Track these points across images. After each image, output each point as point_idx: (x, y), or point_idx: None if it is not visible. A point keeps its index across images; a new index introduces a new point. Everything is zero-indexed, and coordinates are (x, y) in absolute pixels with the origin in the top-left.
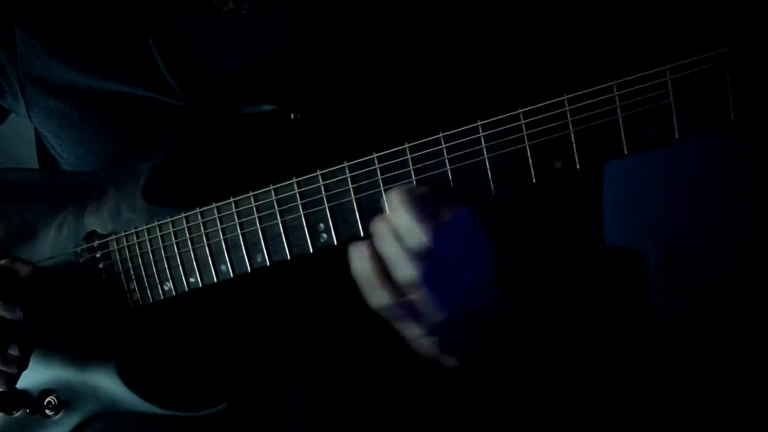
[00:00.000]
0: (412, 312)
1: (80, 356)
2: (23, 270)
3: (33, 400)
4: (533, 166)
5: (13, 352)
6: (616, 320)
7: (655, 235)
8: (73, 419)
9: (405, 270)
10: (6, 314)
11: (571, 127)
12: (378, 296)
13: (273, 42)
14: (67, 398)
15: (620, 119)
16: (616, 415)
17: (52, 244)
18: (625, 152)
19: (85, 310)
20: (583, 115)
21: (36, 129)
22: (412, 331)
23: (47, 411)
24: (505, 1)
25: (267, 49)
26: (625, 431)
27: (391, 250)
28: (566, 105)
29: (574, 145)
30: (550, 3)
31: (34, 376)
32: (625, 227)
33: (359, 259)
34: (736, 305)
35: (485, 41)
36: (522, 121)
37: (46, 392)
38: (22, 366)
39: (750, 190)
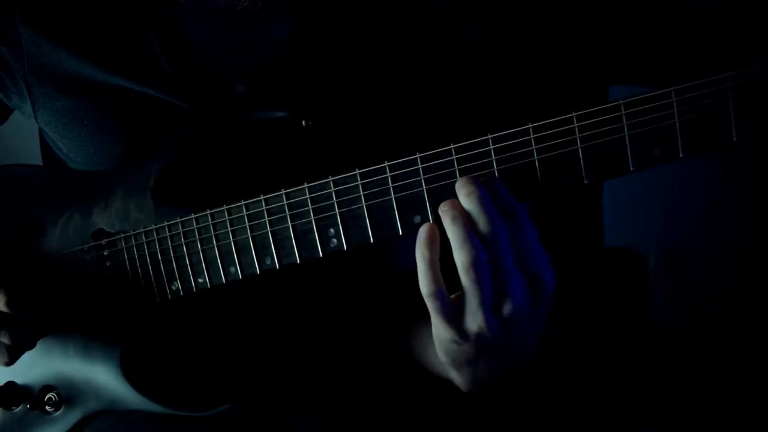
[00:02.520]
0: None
1: (83, 353)
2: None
3: (33, 396)
4: (542, 179)
5: (4, 339)
6: (616, 320)
7: (656, 237)
8: (74, 416)
9: (467, 252)
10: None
11: (579, 144)
12: (431, 281)
13: (273, 45)
14: (68, 395)
15: (627, 137)
16: (616, 415)
17: (59, 241)
18: (631, 169)
19: (90, 308)
20: (590, 132)
21: (40, 131)
22: (447, 329)
23: (47, 407)
24: (506, 3)
25: (267, 51)
26: (625, 431)
27: (461, 233)
28: (575, 122)
29: (581, 161)
30: (551, 6)
31: (35, 371)
32: (625, 228)
33: (424, 241)
34: (738, 309)
35: (494, 48)
36: (531, 136)
37: (47, 388)
38: (13, 356)
39: (751, 194)
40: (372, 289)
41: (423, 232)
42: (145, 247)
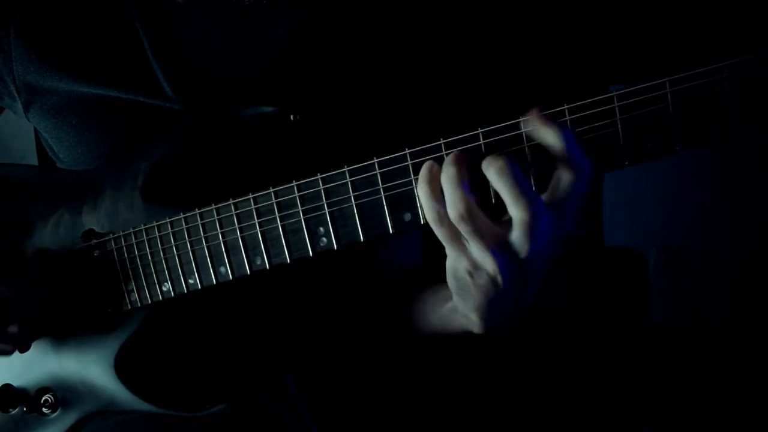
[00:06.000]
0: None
1: (77, 355)
2: (27, 252)
3: (30, 398)
4: (534, 174)
5: (13, 329)
6: (616, 320)
7: (656, 237)
8: (71, 417)
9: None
10: (6, 291)
11: None
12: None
13: (270, 46)
14: (64, 396)
15: (620, 130)
16: (616, 415)
17: (49, 241)
18: (626, 163)
19: (83, 309)
20: (583, 127)
21: (35, 129)
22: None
23: (44, 409)
24: (506, 3)
25: (264, 52)
26: (625, 431)
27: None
28: (566, 115)
29: None
30: (550, 6)
31: (31, 374)
32: (625, 228)
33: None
34: (737, 309)
35: (485, 44)
36: (522, 130)
37: (43, 390)
38: (21, 347)
39: (750, 195)
40: (366, 287)
41: (426, 171)
42: (135, 248)
